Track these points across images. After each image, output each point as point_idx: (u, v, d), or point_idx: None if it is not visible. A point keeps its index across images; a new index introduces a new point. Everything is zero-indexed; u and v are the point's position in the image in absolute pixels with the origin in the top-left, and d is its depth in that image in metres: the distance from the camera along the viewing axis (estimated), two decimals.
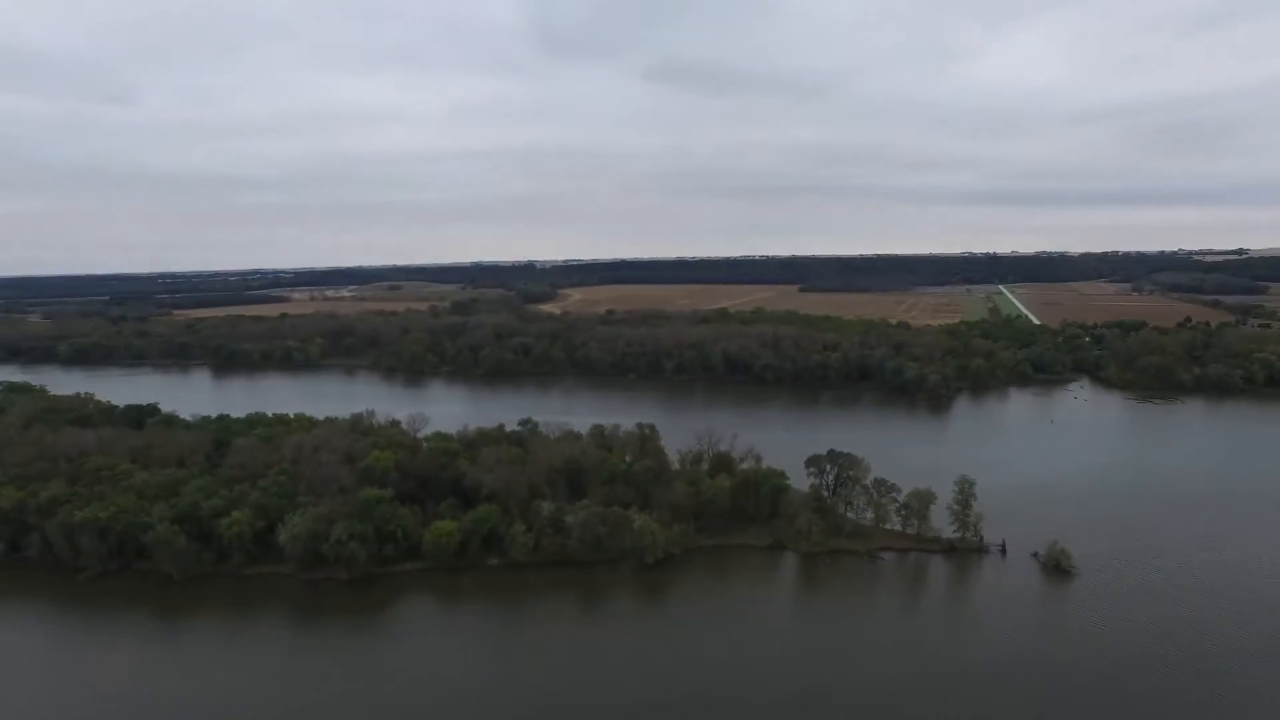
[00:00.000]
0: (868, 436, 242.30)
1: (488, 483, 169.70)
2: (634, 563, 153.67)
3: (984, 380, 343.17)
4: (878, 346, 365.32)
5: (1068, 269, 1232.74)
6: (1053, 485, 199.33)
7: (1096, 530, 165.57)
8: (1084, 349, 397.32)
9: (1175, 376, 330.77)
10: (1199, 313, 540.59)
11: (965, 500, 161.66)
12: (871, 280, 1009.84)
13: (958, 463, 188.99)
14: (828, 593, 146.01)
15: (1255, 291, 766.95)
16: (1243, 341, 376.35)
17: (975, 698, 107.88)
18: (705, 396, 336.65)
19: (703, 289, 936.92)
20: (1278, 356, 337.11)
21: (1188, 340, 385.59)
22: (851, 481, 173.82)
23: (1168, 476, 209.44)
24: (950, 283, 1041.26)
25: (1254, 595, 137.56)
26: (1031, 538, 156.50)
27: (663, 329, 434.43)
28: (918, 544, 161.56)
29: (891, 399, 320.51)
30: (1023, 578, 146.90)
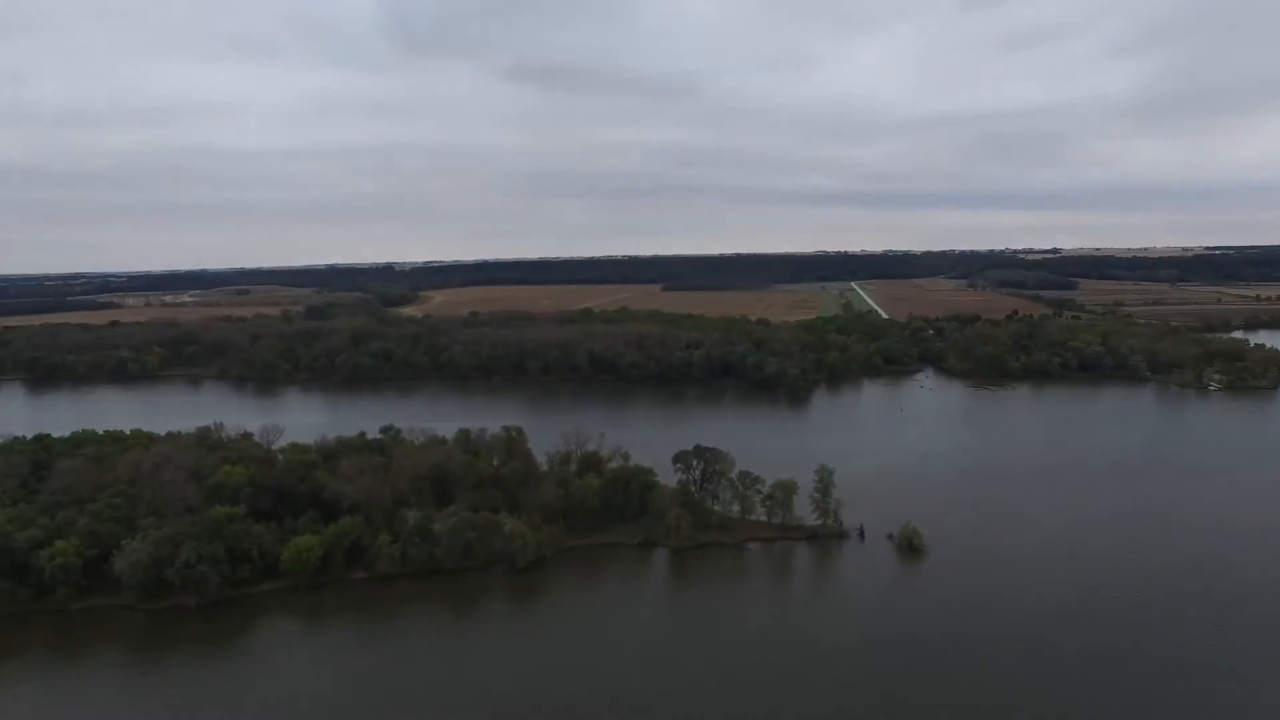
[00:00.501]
0: (732, 431, 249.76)
1: (349, 494, 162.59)
2: (505, 567, 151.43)
3: (839, 373, 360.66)
4: (739, 343, 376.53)
5: (912, 266, 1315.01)
6: (905, 469, 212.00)
7: (944, 509, 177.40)
8: (928, 341, 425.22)
9: (1006, 365, 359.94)
10: (1024, 306, 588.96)
11: (825, 488, 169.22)
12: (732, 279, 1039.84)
13: (817, 452, 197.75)
14: (698, 585, 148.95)
15: (1068, 287, 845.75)
16: (1060, 332, 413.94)
17: (841, 675, 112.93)
18: (572, 397, 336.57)
19: (567, 289, 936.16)
20: (1088, 345, 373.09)
21: (1016, 331, 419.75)
22: (718, 476, 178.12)
23: (1003, 456, 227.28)
24: (806, 280, 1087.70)
25: (1073, 559, 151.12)
26: (887, 520, 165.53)
27: (527, 330, 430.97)
28: (782, 533, 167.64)
29: (754, 393, 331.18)
30: (879, 558, 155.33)
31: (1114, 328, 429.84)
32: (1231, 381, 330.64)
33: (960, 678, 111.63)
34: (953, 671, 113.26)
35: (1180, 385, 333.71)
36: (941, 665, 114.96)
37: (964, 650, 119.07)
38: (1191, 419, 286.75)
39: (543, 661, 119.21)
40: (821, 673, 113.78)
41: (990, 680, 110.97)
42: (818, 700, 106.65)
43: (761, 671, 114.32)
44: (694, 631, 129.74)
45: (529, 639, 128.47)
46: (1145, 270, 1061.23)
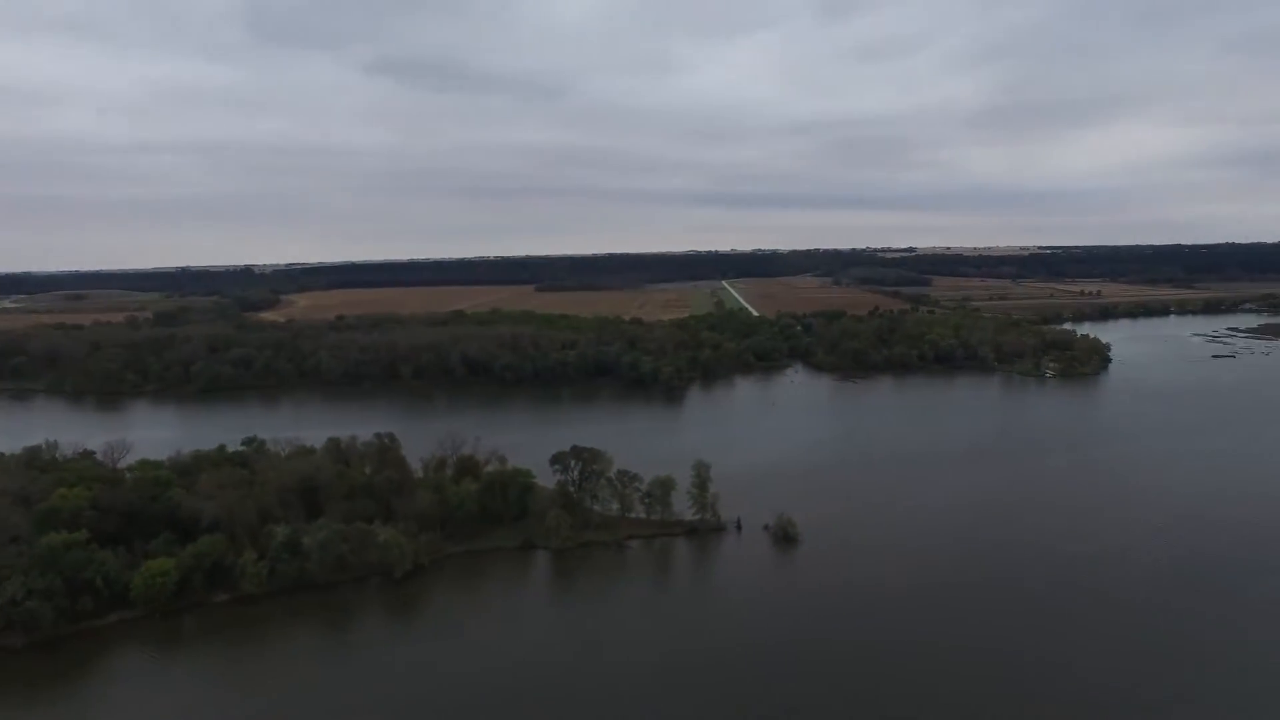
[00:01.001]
0: (609, 430, 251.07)
1: (209, 511, 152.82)
2: (381, 579, 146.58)
3: (713, 370, 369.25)
4: (614, 342, 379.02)
5: (780, 265, 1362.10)
6: (779, 461, 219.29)
7: (817, 498, 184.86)
8: (796, 337, 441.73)
9: (869, 358, 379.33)
10: (884, 302, 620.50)
11: (702, 483, 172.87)
12: (605, 279, 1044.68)
13: (694, 448, 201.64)
14: (580, 586, 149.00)
15: (923, 284, 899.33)
16: (917, 326, 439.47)
17: (721, 666, 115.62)
18: (446, 401, 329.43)
19: (438, 291, 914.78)
20: (942, 338, 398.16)
21: (877, 326, 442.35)
22: (596, 475, 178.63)
23: (870, 444, 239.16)
24: (679, 280, 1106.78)
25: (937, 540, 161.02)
26: (763, 511, 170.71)
27: (398, 333, 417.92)
28: (662, 529, 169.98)
29: (629, 392, 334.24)
30: (756, 549, 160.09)
31: (964, 322, 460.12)
32: (1063, 369, 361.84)
33: (838, 662, 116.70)
34: (831, 656, 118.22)
35: (1022, 373, 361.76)
36: (818, 650, 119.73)
37: (840, 634, 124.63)
38: (1033, 403, 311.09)
39: (421, 671, 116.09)
40: (703, 665, 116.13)
41: (865, 663, 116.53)
42: (701, 693, 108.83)
43: (644, 668, 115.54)
44: (576, 631, 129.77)
45: (407, 649, 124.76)
46: (989, 268, 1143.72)
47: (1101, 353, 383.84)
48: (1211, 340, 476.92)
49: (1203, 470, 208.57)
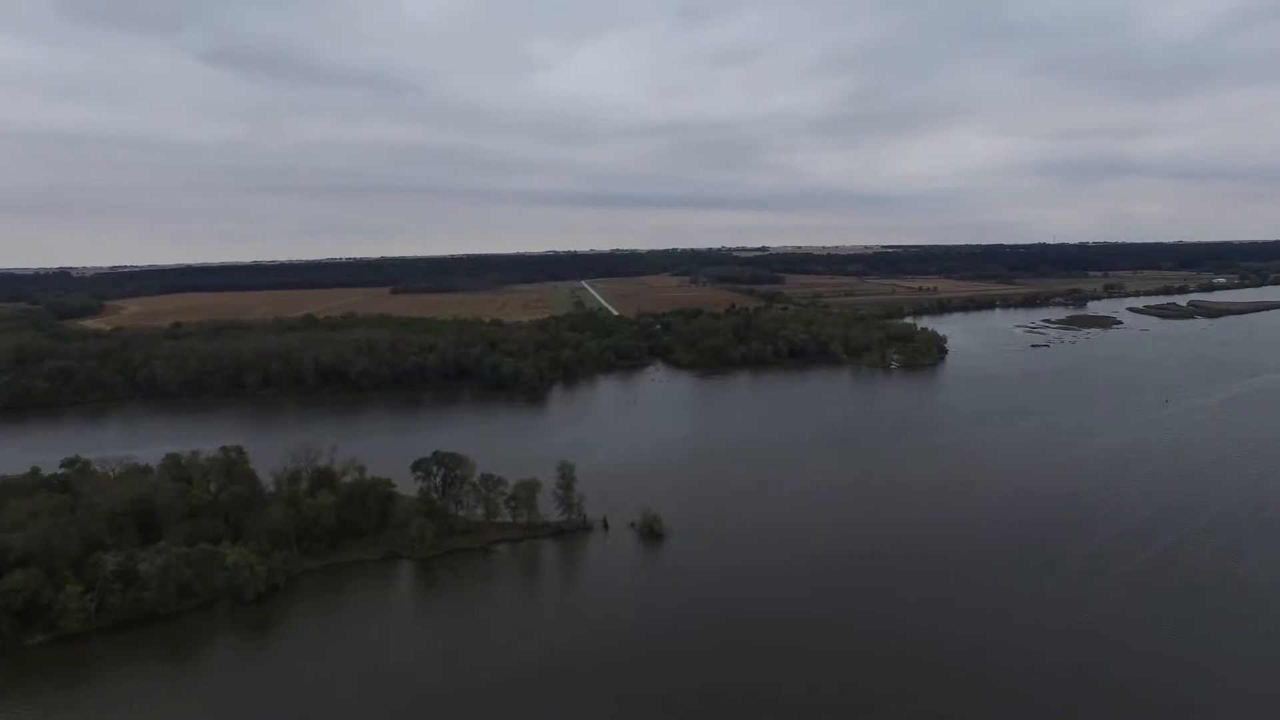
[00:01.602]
0: (472, 434, 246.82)
1: (19, 543, 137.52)
2: (231, 602, 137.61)
3: (574, 370, 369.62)
4: (474, 345, 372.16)
5: (638, 264, 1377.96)
6: (643, 459, 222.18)
7: (681, 493, 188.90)
8: (656, 335, 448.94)
9: (727, 354, 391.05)
10: (740, 300, 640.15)
11: (567, 484, 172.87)
12: (463, 280, 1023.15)
13: (558, 449, 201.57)
14: (446, 594, 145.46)
15: (776, 281, 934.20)
16: (772, 322, 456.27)
17: (595, 661, 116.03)
18: (299, 410, 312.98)
19: (286, 295, 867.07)
20: (795, 334, 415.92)
21: (734, 323, 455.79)
22: (460, 480, 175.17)
23: (731, 438, 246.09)
24: (539, 280, 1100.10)
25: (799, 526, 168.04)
26: (629, 509, 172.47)
27: (243, 340, 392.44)
28: (528, 531, 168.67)
29: (491, 395, 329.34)
30: (623, 547, 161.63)
31: (816, 317, 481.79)
32: (906, 360, 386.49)
33: (705, 653, 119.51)
34: (697, 648, 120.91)
35: (870, 365, 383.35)
36: (685, 644, 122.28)
37: (709, 618, 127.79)
38: (881, 393, 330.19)
39: (276, 696, 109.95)
40: (571, 665, 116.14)
41: (734, 652, 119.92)
42: (574, 692, 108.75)
43: (511, 672, 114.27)
44: (442, 640, 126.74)
45: (259, 674, 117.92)
46: (837, 265, 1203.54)
47: (939, 344, 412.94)
48: (1030, 331, 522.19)
49: (1032, 448, 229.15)
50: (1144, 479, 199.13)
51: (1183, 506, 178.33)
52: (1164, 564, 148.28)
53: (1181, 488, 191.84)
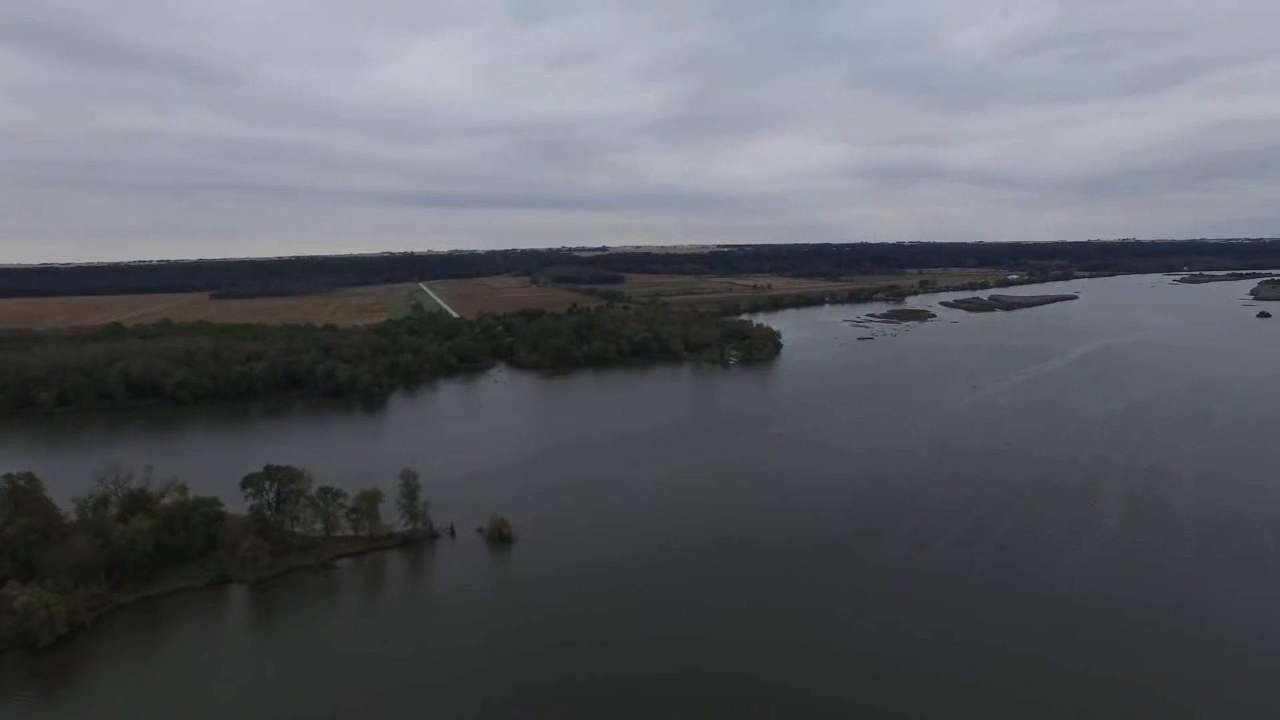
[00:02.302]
0: (307, 446, 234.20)
1: None
2: (23, 651, 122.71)
3: (415, 375, 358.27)
4: (306, 351, 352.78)
5: (478, 265, 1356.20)
6: (489, 462, 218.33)
7: (529, 495, 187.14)
8: (498, 337, 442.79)
9: (570, 354, 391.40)
10: (581, 300, 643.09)
11: (412, 492, 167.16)
12: (292, 284, 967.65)
13: (401, 457, 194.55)
14: (284, 618, 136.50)
15: (617, 281, 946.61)
16: (613, 322, 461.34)
17: (441, 674, 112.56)
18: (105, 428, 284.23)
19: (83, 301, 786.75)
20: (637, 332, 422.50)
21: (576, 323, 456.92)
22: (295, 495, 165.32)
23: (577, 437, 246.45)
24: (374, 282, 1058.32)
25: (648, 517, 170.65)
26: (477, 514, 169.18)
27: (33, 352, 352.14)
28: (372, 544, 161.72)
29: (326, 403, 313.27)
30: (471, 554, 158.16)
31: (656, 316, 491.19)
32: (744, 356, 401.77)
33: (557, 652, 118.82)
34: (549, 648, 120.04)
35: (710, 361, 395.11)
36: (537, 645, 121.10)
37: (558, 625, 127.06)
38: (722, 387, 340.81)
39: None
40: (420, 678, 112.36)
41: (585, 649, 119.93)
42: (421, 704, 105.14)
43: (359, 691, 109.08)
44: (282, 665, 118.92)
45: None
46: (676, 265, 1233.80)
47: (774, 339, 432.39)
48: (856, 325, 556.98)
49: (863, 434, 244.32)
50: (960, 457, 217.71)
51: (993, 480, 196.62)
52: (981, 529, 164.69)
53: (991, 463, 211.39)
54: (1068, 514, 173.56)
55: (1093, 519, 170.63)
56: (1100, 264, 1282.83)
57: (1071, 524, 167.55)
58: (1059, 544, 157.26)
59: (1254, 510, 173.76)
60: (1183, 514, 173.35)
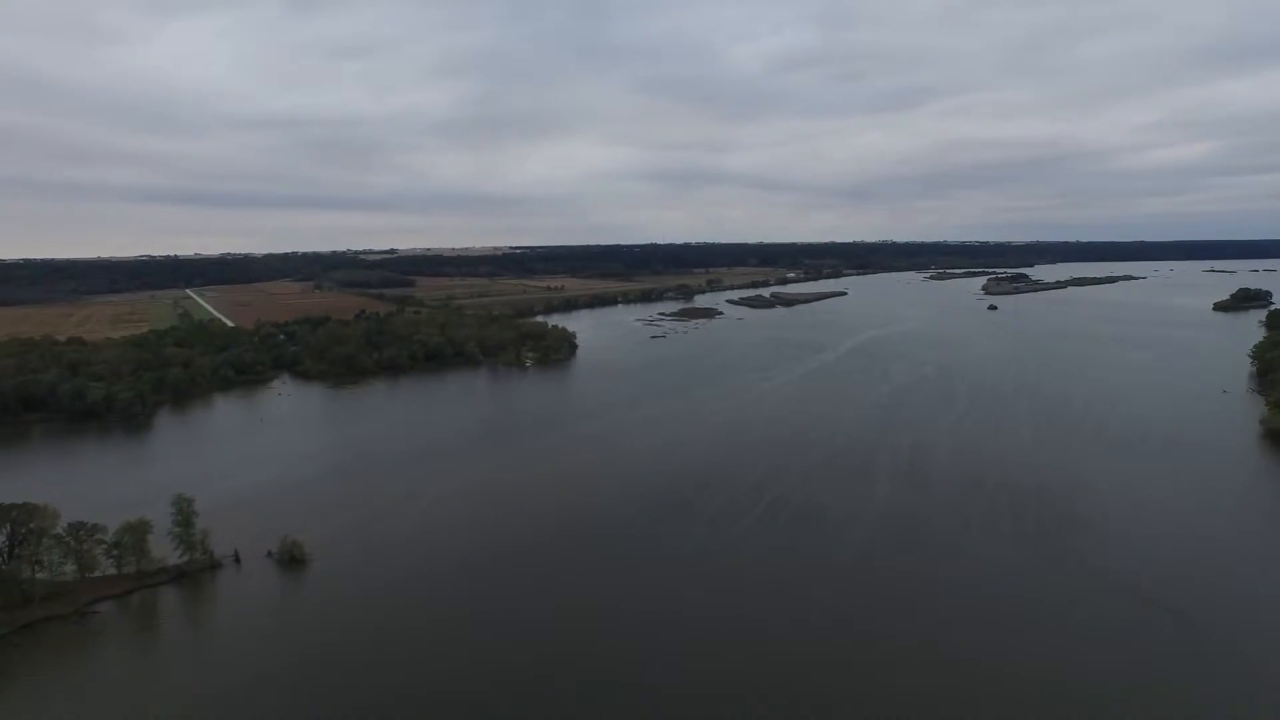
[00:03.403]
0: (52, 477, 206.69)
1: None
2: None
3: (185, 390, 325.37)
4: (46, 369, 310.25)
5: (254, 270, 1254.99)
6: (277, 481, 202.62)
7: (324, 512, 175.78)
8: (280, 346, 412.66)
9: (361, 362, 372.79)
10: (370, 305, 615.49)
11: (187, 520, 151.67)
12: (23, 291, 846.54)
13: (174, 482, 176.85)
14: (27, 683, 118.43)
15: (407, 285, 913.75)
16: (405, 327, 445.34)
17: (241, 706, 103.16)
18: None
19: None
20: (430, 337, 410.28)
21: (366, 330, 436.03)
22: (36, 536, 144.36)
23: (374, 448, 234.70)
24: (131, 289, 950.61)
25: (453, 524, 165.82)
26: (265, 537, 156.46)
27: None
28: (141, 581, 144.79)
29: (76, 427, 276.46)
30: (261, 581, 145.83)
31: (450, 320, 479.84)
32: (540, 357, 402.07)
33: (358, 675, 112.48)
34: (349, 671, 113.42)
35: (506, 364, 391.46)
36: (336, 670, 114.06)
37: (359, 647, 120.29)
38: (519, 390, 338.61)
39: None
40: (216, 712, 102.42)
41: (388, 670, 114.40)
42: None
43: None
44: None
45: None
46: (469, 267, 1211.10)
47: (570, 340, 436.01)
48: (649, 324, 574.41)
49: (661, 428, 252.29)
50: (753, 445, 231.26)
51: (783, 465, 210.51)
52: (777, 508, 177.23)
53: (781, 449, 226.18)
54: (850, 489, 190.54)
55: (870, 492, 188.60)
56: (865, 263, 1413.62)
57: (853, 498, 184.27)
58: (844, 517, 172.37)
59: (992, 475, 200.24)
60: (939, 482, 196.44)
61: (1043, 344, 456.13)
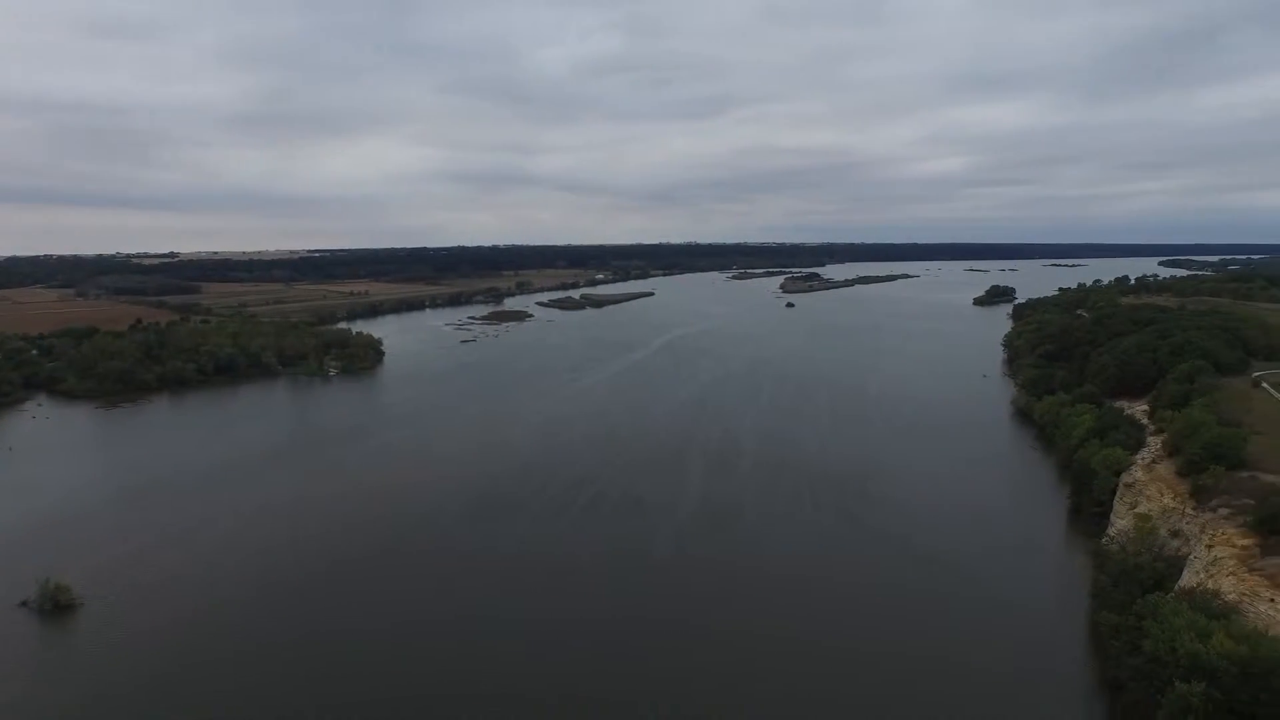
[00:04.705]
0: None
1: None
2: None
3: None
4: None
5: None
6: (31, 519, 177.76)
7: (98, 548, 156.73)
8: (34, 363, 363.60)
9: (138, 377, 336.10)
10: (148, 314, 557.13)
11: None
12: None
13: None
14: None
15: (191, 291, 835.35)
16: (191, 337, 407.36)
17: None
18: None
19: None
20: (220, 347, 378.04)
21: (143, 341, 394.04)
22: None
23: (154, 473, 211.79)
24: None
25: (244, 553, 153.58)
26: (19, 585, 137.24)
27: None
28: None
29: None
30: (15, 634, 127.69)
31: (243, 328, 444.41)
32: (345, 366, 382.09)
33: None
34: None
35: (308, 374, 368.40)
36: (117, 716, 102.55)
37: (133, 698, 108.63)
38: (323, 401, 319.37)
39: None
40: None
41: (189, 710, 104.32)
42: None
43: None
44: None
45: None
46: (262, 271, 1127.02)
47: (376, 347, 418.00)
48: (459, 328, 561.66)
49: (477, 431, 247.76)
50: (570, 444, 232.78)
51: (602, 461, 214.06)
52: (597, 500, 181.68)
53: (598, 447, 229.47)
54: (666, 481, 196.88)
55: (684, 482, 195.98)
56: (671, 264, 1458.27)
57: (669, 489, 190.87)
58: (661, 506, 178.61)
59: (795, 458, 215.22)
60: (749, 468, 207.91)
61: (836, 338, 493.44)
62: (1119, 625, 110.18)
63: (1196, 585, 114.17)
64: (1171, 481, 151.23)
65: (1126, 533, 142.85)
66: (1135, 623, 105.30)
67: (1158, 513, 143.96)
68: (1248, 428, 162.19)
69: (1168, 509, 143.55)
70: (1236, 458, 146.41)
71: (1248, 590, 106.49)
